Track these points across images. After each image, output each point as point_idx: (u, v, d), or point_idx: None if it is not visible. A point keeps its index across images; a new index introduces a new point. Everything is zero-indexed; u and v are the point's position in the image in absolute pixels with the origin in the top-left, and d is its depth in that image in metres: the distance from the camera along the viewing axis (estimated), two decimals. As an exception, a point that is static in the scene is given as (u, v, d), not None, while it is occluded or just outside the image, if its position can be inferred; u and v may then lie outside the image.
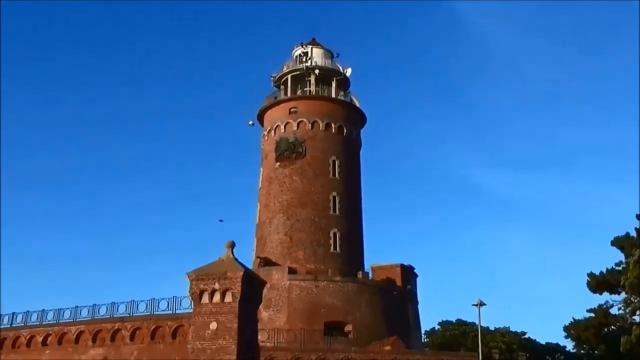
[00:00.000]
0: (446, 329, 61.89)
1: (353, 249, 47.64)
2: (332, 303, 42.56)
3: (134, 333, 31.93)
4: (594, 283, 48.72)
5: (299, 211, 46.60)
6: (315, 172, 47.84)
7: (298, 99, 50.30)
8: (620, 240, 48.50)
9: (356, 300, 43.31)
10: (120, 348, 32.00)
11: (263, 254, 45.64)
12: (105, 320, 33.07)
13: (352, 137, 50.93)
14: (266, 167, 49.91)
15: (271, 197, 48.11)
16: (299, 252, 45.36)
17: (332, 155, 48.80)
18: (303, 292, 42.39)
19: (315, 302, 42.24)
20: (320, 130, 49.04)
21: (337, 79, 51.65)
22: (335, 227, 46.66)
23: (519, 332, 61.73)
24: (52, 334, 33.96)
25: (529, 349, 54.69)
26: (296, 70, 51.64)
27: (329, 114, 49.91)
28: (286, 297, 41.79)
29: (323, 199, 47.15)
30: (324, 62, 51.98)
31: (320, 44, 52.91)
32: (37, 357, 33.78)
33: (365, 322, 42.46)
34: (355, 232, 48.67)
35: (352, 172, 50.06)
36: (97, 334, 32.75)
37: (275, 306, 40.78)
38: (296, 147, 48.19)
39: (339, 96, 51.13)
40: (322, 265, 44.77)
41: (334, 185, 47.95)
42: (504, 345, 53.02)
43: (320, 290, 42.80)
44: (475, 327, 39.18)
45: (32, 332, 34.78)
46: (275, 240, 46.30)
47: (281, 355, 31.87)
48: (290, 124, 49.17)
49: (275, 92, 52.39)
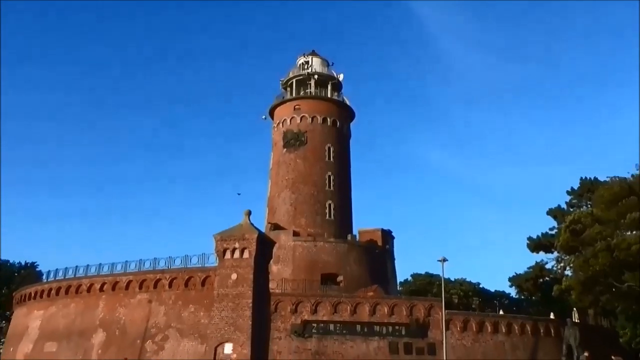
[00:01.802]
0: (416, 280, 62.04)
1: (344, 217, 47.64)
2: (327, 259, 42.71)
3: (172, 282, 32.19)
4: (532, 245, 48.88)
5: (302, 187, 46.56)
6: (315, 157, 47.73)
7: (301, 99, 49.98)
8: (554, 210, 48.64)
9: (346, 257, 43.42)
10: (161, 293, 32.22)
11: (273, 220, 45.67)
12: (149, 272, 33.33)
13: (343, 129, 50.76)
14: (276, 153, 49.79)
15: (280, 176, 48.05)
16: (301, 219, 45.38)
17: (328, 143, 48.62)
18: (304, 250, 42.53)
19: (314, 258, 42.37)
20: (318, 124, 48.86)
21: (332, 83, 51.38)
22: (330, 199, 46.67)
23: (473, 282, 61.93)
24: (107, 282, 34.23)
25: (481, 295, 54.91)
26: (299, 75, 51.33)
27: (326, 110, 49.67)
28: (291, 254, 41.91)
29: (320, 177, 47.11)
30: (321, 69, 51.68)
31: (318, 55, 52.59)
32: (96, 301, 34.08)
33: (353, 274, 42.59)
34: (346, 203, 48.63)
35: (343, 156, 49.92)
36: (142, 282, 33.00)
37: (282, 261, 40.91)
38: (299, 137, 48.09)
39: (333, 96, 50.81)
40: (319, 230, 44.83)
41: (329, 167, 47.84)
42: (462, 292, 53.29)
43: (318, 249, 42.95)
44: (439, 278, 39.23)
45: (92, 280, 35.11)
46: (283, 210, 46.33)
47: (287, 300, 31.95)
48: (295, 118, 49.03)
49: (283, 93, 52.12)
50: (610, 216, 35.21)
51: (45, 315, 36.43)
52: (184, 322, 30.69)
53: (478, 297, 50.48)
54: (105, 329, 32.61)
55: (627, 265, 33.90)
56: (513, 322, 35.60)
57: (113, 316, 32.77)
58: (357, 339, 31.53)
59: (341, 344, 31.29)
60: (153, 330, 31.07)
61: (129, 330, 31.78)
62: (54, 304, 36.27)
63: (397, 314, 32.58)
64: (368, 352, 31.37)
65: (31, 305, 38.59)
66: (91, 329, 33.01)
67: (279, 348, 30.43)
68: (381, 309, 32.56)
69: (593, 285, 36.39)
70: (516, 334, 35.24)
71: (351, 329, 31.68)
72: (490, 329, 34.48)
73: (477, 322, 34.48)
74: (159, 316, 31.37)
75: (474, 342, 33.82)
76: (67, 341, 33.52)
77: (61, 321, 35.00)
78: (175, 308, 31.29)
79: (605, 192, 36.78)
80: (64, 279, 36.88)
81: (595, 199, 38.42)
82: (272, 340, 30.17)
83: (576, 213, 39.78)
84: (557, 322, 37.37)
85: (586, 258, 34.38)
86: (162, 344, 30.48)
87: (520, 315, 38.15)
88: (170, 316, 31.15)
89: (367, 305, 32.55)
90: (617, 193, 35.70)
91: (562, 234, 37.68)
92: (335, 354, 31.00)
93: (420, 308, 33.02)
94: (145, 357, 30.36)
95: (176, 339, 30.35)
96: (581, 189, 46.69)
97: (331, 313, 31.88)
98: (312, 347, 30.92)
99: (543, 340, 36.06)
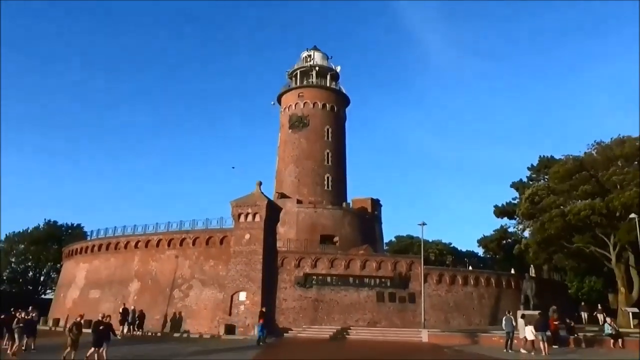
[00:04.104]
0: (400, 241, 62.25)
1: (340, 187, 47.46)
2: (325, 223, 42.73)
3: (195, 241, 32.27)
4: (497, 211, 49.05)
5: (305, 162, 46.30)
6: (315, 137, 47.34)
7: (304, 87, 49.35)
8: (516, 184, 48.66)
9: (341, 221, 43.44)
10: (186, 250, 32.32)
11: (280, 190, 45.52)
12: (175, 232, 33.40)
13: (340, 113, 50.25)
14: (283, 133, 49.40)
15: (286, 153, 47.74)
16: (304, 189, 45.22)
17: (327, 125, 48.19)
18: (306, 215, 42.49)
19: (314, 222, 42.38)
20: (319, 109, 48.33)
21: (331, 74, 50.68)
22: (328, 173, 46.46)
23: (447, 243, 62.16)
24: (141, 240, 34.31)
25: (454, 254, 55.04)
26: (303, 67, 50.66)
27: (325, 97, 49.09)
28: (295, 218, 41.88)
29: (320, 154, 46.81)
30: (322, 62, 50.97)
31: (319, 49, 51.81)
32: (132, 256, 34.23)
33: (347, 235, 42.69)
34: (341, 176, 48.43)
35: (339, 137, 49.54)
36: (170, 241, 33.08)
37: (288, 224, 40.93)
38: (303, 120, 47.64)
39: (331, 85, 50.22)
40: (319, 198, 44.74)
41: (328, 146, 47.49)
42: (437, 251, 53.46)
43: (317, 214, 42.92)
44: (419, 240, 39.39)
45: (128, 239, 35.19)
46: (288, 181, 46.15)
47: (291, 256, 32.08)
48: (299, 104, 48.51)
49: (289, 82, 51.54)
50: (564, 188, 35.25)
51: (90, 268, 36.66)
52: (205, 274, 30.86)
53: (451, 255, 50.70)
54: (139, 279, 32.83)
55: (577, 229, 34.10)
56: (480, 276, 35.82)
57: (146, 269, 32.95)
58: (350, 289, 31.76)
59: (336, 293, 31.52)
60: (179, 280, 31.27)
61: (159, 280, 31.99)
62: (97, 258, 36.45)
63: (383, 268, 32.72)
64: (359, 300, 31.63)
65: (78, 259, 38.80)
66: (128, 279, 33.24)
67: (284, 296, 30.67)
68: (370, 265, 32.70)
69: (547, 246, 36.66)
70: (483, 286, 35.49)
71: (345, 281, 31.85)
72: (461, 281, 34.70)
73: (450, 276, 34.69)
74: (184, 269, 31.53)
75: (447, 292, 34.08)
76: (108, 288, 33.80)
77: (103, 272, 35.22)
78: (198, 262, 31.43)
79: (560, 167, 36.75)
80: (105, 237, 37.03)
81: (551, 174, 38.37)
82: (279, 290, 30.38)
83: (535, 186, 39.80)
84: (516, 277, 37.58)
85: (542, 222, 34.52)
86: (187, 292, 30.71)
87: (486, 271, 38.41)
88: (194, 269, 31.31)
89: (359, 261, 32.69)
90: (570, 169, 35.68)
91: (523, 203, 37.79)
92: (332, 302, 31.25)
93: (403, 264, 33.16)
94: (173, 302, 30.63)
95: (199, 288, 30.56)
96: (539, 165, 46.58)
97: (328, 267, 32.03)
98: (312, 295, 31.16)
99: (505, 291, 36.34)
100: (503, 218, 49.43)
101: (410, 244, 58.03)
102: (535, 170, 47.34)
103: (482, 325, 32.90)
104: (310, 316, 30.56)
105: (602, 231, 33.54)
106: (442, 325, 31.44)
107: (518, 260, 42.68)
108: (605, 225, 32.85)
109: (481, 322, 33.84)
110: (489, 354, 19.42)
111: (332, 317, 30.70)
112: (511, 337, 20.74)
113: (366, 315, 31.23)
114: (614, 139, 35.73)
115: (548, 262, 41.23)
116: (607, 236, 33.78)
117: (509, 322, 20.82)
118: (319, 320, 30.35)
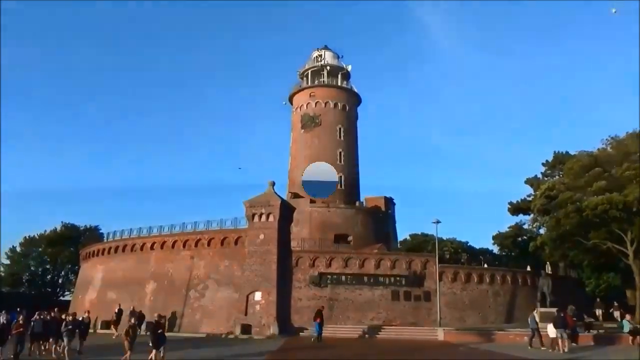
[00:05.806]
0: (414, 239, 61.81)
1: (352, 186, 47.44)
2: (338, 222, 42.73)
3: (210, 241, 32.48)
4: (512, 208, 48.49)
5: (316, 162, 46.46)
6: (327, 136, 47.39)
7: (315, 87, 49.39)
8: (531, 179, 48.04)
9: (354, 220, 43.42)
10: (201, 251, 32.54)
11: (293, 189, 45.61)
12: (190, 233, 33.66)
13: (352, 112, 50.21)
14: (295, 133, 49.50)
15: (298, 152, 47.85)
16: (317, 189, 45.34)
17: (338, 124, 48.20)
18: (320, 214, 42.50)
19: (328, 221, 42.39)
20: (330, 108, 48.37)
21: (342, 73, 50.66)
22: (341, 172, 46.45)
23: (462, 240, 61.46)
24: (157, 242, 34.62)
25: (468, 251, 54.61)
26: (314, 67, 50.68)
27: (336, 96, 49.12)
28: (308, 217, 41.90)
29: (332, 153, 46.81)
30: (333, 61, 50.93)
31: (330, 49, 51.71)
32: (148, 257, 34.58)
33: (360, 234, 42.65)
34: (354, 175, 48.40)
35: (351, 135, 49.51)
36: (185, 242, 33.33)
37: (301, 223, 40.92)
38: (314, 119, 47.70)
39: (342, 85, 50.18)
40: (332, 197, 44.61)
41: (340, 145, 47.51)
42: (452, 249, 53.05)
43: (331, 213, 42.93)
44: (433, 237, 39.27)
45: (144, 240, 35.54)
46: (301, 180, 46.25)
47: (306, 255, 32.19)
48: (311, 103, 48.58)
49: (300, 82, 51.62)
50: (579, 184, 34.85)
51: (107, 269, 37.12)
52: (220, 274, 31.09)
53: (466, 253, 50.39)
54: (155, 280, 33.17)
55: (593, 224, 33.67)
56: (495, 274, 35.61)
57: (162, 269, 33.28)
58: (365, 288, 31.79)
59: (351, 292, 31.58)
60: (195, 281, 31.55)
61: (175, 280, 32.30)
62: (114, 260, 36.90)
63: (397, 267, 32.69)
64: (374, 298, 31.66)
65: (95, 260, 39.30)
66: (144, 279, 33.59)
67: (299, 295, 30.80)
68: (384, 263, 32.69)
69: (563, 242, 36.27)
70: (498, 283, 35.27)
71: (359, 279, 31.89)
72: (476, 279, 34.53)
73: (465, 273, 34.53)
74: (200, 269, 31.80)
75: (462, 290, 33.93)
76: (125, 289, 34.18)
77: (120, 273, 35.64)
78: (213, 263, 31.68)
79: (574, 164, 36.31)
80: (121, 238, 37.48)
81: (566, 169, 37.95)
82: (294, 289, 30.50)
83: (551, 181, 39.37)
84: (532, 274, 37.30)
85: (558, 218, 34.17)
86: (203, 292, 30.98)
87: (501, 268, 38.11)
88: (209, 269, 31.56)
89: (373, 260, 32.70)
90: (585, 165, 35.25)
91: (538, 198, 37.38)
92: (346, 300, 31.34)
93: (417, 262, 33.10)
94: (189, 302, 30.93)
95: (214, 288, 30.82)
96: (554, 161, 46.00)
97: (343, 267, 32.09)
98: (327, 294, 31.26)
99: (520, 288, 36.09)
100: (518, 214, 48.88)
101: (424, 241, 57.62)
102: (550, 166, 46.74)
103: (497, 323, 32.72)
104: (325, 315, 30.58)
105: (618, 227, 33.12)
106: (457, 324, 31.30)
107: (533, 257, 42.27)
108: (622, 220, 32.44)
109: (496, 320, 33.66)
110: (507, 351, 19.36)
111: (347, 316, 30.78)
112: (535, 334, 20.74)
113: (381, 313, 31.24)
114: (629, 133, 35.23)
115: (564, 258, 40.76)
116: (624, 232, 33.36)
117: (533, 319, 20.87)
118: (334, 319, 30.40)
